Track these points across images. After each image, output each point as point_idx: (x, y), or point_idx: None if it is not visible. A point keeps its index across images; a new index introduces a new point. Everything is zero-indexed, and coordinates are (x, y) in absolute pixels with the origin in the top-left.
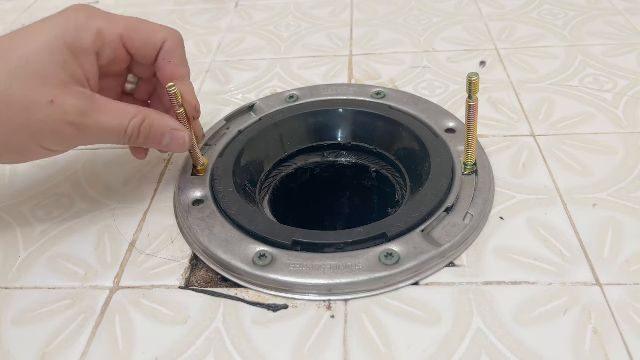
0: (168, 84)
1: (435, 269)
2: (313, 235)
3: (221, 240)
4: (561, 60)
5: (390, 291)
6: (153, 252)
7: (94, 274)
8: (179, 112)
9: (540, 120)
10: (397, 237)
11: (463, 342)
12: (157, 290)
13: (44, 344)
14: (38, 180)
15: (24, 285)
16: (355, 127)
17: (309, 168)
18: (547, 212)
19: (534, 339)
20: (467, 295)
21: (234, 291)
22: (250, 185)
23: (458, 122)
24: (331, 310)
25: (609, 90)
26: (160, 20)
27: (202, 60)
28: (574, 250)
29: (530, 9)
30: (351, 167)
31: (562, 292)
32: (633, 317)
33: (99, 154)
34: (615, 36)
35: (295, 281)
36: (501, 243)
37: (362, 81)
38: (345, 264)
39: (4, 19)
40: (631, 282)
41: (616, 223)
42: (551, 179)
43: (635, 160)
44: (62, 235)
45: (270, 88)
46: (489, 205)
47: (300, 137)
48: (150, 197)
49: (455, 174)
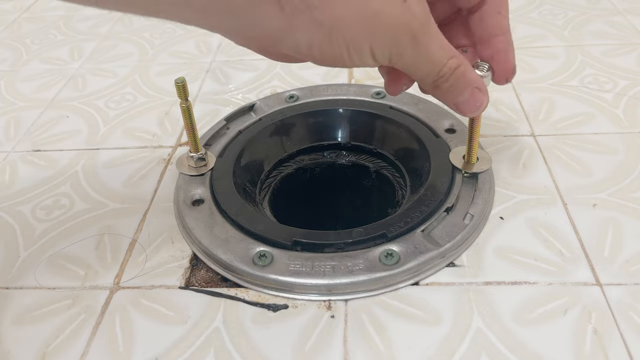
0: (176, 79)
1: (435, 269)
2: (313, 235)
3: (221, 240)
4: (561, 60)
5: (390, 291)
6: (153, 252)
7: (94, 274)
8: (184, 106)
9: (540, 120)
10: (397, 237)
11: (463, 342)
12: (157, 290)
13: (44, 344)
14: (38, 180)
15: (24, 285)
16: (355, 127)
17: (309, 168)
18: (547, 212)
19: (534, 339)
20: (467, 295)
21: (234, 291)
22: (250, 185)
23: (458, 122)
24: (331, 310)
25: (609, 90)
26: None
27: (202, 60)
28: (574, 250)
29: (530, 9)
30: (351, 167)
31: (562, 292)
32: (633, 317)
33: (99, 154)
34: (615, 36)
35: (295, 281)
36: (501, 243)
37: (362, 81)
38: (345, 264)
39: (4, 19)
40: (631, 282)
41: (616, 223)
42: (551, 179)
43: (635, 160)
44: (62, 235)
45: (270, 88)
46: (489, 205)
47: (300, 137)
48: (150, 197)
49: (455, 174)
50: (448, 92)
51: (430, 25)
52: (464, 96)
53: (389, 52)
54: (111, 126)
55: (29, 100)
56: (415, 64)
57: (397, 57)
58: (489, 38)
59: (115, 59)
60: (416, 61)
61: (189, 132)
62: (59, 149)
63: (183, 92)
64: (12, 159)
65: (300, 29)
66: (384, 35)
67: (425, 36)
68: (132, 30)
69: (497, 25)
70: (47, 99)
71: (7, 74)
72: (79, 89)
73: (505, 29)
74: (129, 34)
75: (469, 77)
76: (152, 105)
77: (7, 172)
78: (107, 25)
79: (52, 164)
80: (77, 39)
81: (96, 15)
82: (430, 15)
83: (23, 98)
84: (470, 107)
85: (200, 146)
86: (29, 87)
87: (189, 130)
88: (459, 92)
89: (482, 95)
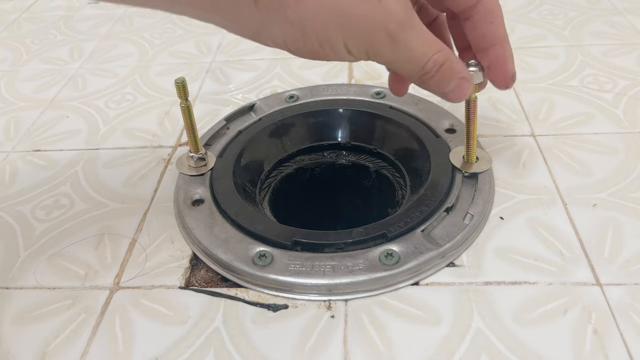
0: (176, 79)
1: (435, 269)
2: (313, 235)
3: (221, 240)
4: (561, 60)
5: (390, 291)
6: (153, 252)
7: (94, 274)
8: (184, 106)
9: (540, 120)
10: (397, 237)
11: (463, 342)
12: (157, 290)
13: (44, 344)
14: (38, 180)
15: (24, 285)
16: (355, 127)
17: (309, 168)
18: (547, 212)
19: (534, 339)
20: (467, 295)
21: (234, 291)
22: (250, 185)
23: (458, 122)
24: (331, 310)
25: (609, 90)
26: (159, 20)
27: (202, 60)
28: (574, 250)
29: (530, 9)
30: (351, 167)
31: (562, 292)
32: (633, 317)
33: (99, 153)
34: (615, 36)
35: (295, 281)
36: (501, 243)
37: (362, 81)
38: (345, 264)
39: (4, 19)
40: (631, 282)
41: (616, 223)
42: (551, 179)
43: (635, 160)
44: (62, 235)
45: (270, 88)
46: (489, 205)
47: (300, 137)
48: (150, 197)
49: (455, 174)
50: (435, 85)
51: (411, 23)
52: (450, 86)
53: (364, 48)
54: (111, 126)
55: (29, 100)
56: (395, 61)
57: (373, 53)
58: (486, 48)
59: (115, 59)
60: (396, 58)
61: (189, 132)
62: (59, 149)
63: (183, 92)
64: (12, 159)
65: (275, 25)
66: (357, 32)
67: (404, 34)
68: (132, 30)
69: (491, 35)
70: (47, 99)
71: (7, 74)
72: (79, 89)
73: (500, 39)
74: (129, 34)
75: (455, 69)
76: (152, 105)
77: (7, 172)
78: (107, 25)
79: (52, 164)
80: (77, 39)
81: (96, 15)
82: (411, 13)
83: (23, 98)
84: (456, 96)
85: (200, 146)
86: (29, 87)
87: (189, 130)
88: (446, 84)
89: (467, 84)
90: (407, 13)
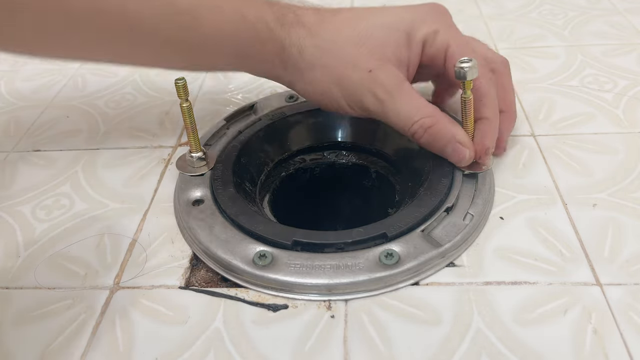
0: (176, 79)
1: (435, 269)
2: (313, 235)
3: (221, 240)
4: (561, 60)
5: (390, 291)
6: (153, 252)
7: (94, 274)
8: (184, 106)
9: (540, 120)
10: (397, 237)
11: (463, 342)
12: (157, 290)
13: (44, 344)
14: (38, 180)
15: (24, 285)
16: (355, 127)
17: (309, 168)
18: (547, 212)
19: (534, 339)
20: (467, 295)
21: (234, 291)
22: (250, 185)
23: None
24: (331, 310)
25: (609, 90)
26: None
27: None
28: (574, 250)
29: (530, 9)
30: (351, 167)
31: (562, 292)
32: (633, 317)
33: (99, 153)
34: (615, 36)
35: (295, 281)
36: (501, 243)
37: None
38: (345, 264)
39: None
40: (631, 282)
41: (616, 223)
42: (551, 179)
43: (635, 160)
44: (62, 235)
45: (270, 88)
46: (489, 205)
47: (300, 137)
48: (150, 197)
49: (455, 173)
50: (427, 145)
51: (401, 90)
52: (447, 150)
53: (360, 107)
54: (111, 126)
55: (29, 100)
56: (387, 119)
57: (366, 112)
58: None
59: None
60: (386, 117)
61: (189, 132)
62: (59, 149)
63: (183, 92)
64: (12, 159)
65: (299, 84)
66: (352, 95)
67: (393, 99)
68: None
69: (479, 111)
70: (47, 99)
71: (7, 74)
72: (79, 89)
73: (487, 115)
74: None
75: (445, 134)
76: (152, 105)
77: (7, 172)
78: None
79: (52, 164)
80: None
81: None
82: (400, 81)
83: (23, 98)
84: (454, 159)
85: (200, 146)
86: (29, 87)
87: (189, 130)
88: (442, 146)
89: (463, 149)
90: (396, 81)
